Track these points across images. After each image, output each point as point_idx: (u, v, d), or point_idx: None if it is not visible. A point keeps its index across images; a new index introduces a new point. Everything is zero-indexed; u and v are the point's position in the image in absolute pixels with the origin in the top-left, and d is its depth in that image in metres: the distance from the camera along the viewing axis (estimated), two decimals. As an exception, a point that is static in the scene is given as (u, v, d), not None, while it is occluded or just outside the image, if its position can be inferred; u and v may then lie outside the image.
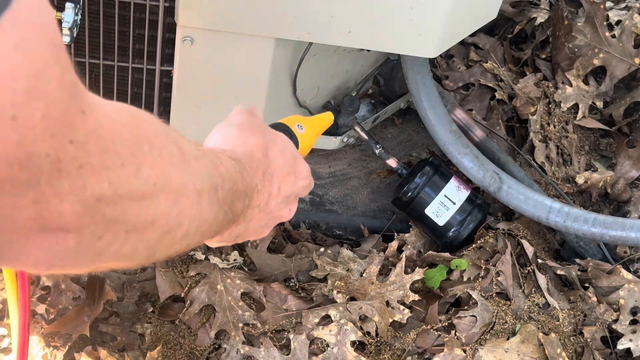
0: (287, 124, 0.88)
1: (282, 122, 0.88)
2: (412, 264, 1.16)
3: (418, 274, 1.11)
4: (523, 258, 1.15)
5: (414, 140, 1.34)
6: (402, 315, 1.08)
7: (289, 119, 0.89)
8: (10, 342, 1.06)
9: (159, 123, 0.50)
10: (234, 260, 1.13)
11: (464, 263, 1.12)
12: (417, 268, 1.13)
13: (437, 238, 1.18)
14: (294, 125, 0.88)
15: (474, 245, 1.15)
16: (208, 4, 0.89)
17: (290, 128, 0.87)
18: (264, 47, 0.98)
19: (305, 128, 0.89)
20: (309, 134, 0.90)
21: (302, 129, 0.88)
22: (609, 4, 1.54)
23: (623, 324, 1.09)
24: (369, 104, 1.33)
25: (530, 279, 1.12)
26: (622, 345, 1.07)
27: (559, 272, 1.13)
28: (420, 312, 1.10)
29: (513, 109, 1.40)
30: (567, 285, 1.15)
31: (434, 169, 1.16)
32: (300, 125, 0.88)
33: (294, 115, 0.91)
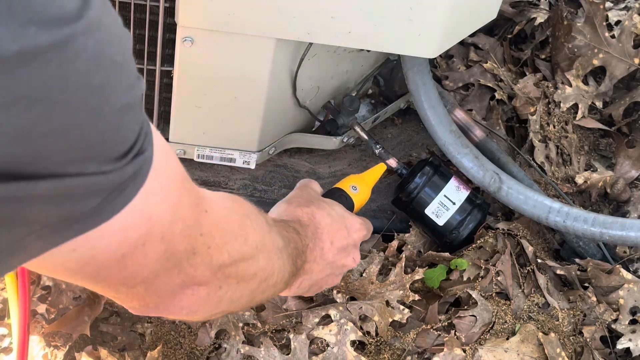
0: (342, 188, 1.07)
1: (337, 186, 1.08)
2: (412, 264, 1.16)
3: (418, 274, 1.11)
4: (523, 258, 1.15)
5: (414, 140, 1.34)
6: (402, 315, 1.09)
7: (344, 182, 1.09)
8: (11, 341, 1.06)
9: (248, 202, 0.66)
10: (234, 260, 1.13)
11: (464, 263, 1.12)
12: (417, 268, 1.13)
13: (437, 238, 1.18)
14: (349, 188, 1.06)
15: (474, 245, 1.15)
16: (208, 5, 0.89)
17: (344, 191, 1.06)
18: (264, 47, 0.98)
19: (359, 187, 1.07)
20: (363, 191, 1.07)
21: (356, 189, 1.06)
22: (609, 4, 1.54)
23: (622, 324, 1.09)
24: (369, 104, 1.34)
25: (530, 279, 1.12)
26: (621, 345, 1.07)
27: (559, 271, 1.13)
28: (420, 312, 1.11)
29: (513, 109, 1.40)
30: (566, 285, 1.15)
31: (434, 169, 1.16)
32: (355, 186, 1.07)
33: (350, 176, 1.10)
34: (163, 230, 0.49)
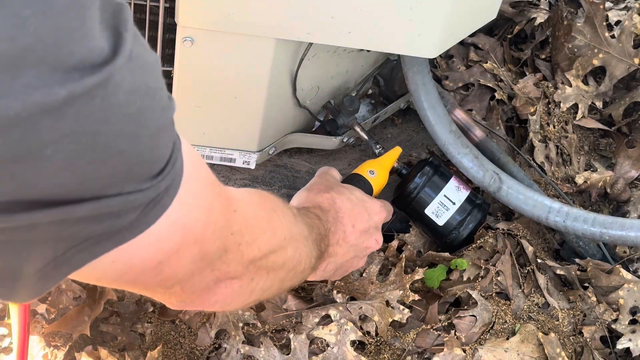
0: (360, 173, 1.11)
1: (355, 172, 1.11)
2: (412, 264, 1.16)
3: (418, 274, 1.11)
4: (523, 258, 1.15)
5: (414, 140, 1.34)
6: (402, 315, 1.09)
7: (362, 167, 1.13)
8: (11, 341, 1.06)
9: (273, 195, 0.69)
10: (234, 260, 1.13)
11: (464, 263, 1.12)
12: (417, 268, 1.13)
13: (437, 238, 1.18)
14: (366, 173, 1.10)
15: (474, 245, 1.15)
16: (208, 5, 0.89)
17: (362, 176, 1.09)
18: (264, 47, 0.98)
19: (377, 171, 1.10)
20: (380, 175, 1.11)
21: (373, 174, 1.09)
22: (609, 4, 1.54)
23: (622, 324, 1.09)
24: (369, 104, 1.34)
25: (530, 279, 1.12)
26: (621, 345, 1.07)
27: (559, 271, 1.13)
28: (420, 312, 1.11)
29: (513, 109, 1.40)
30: (566, 285, 1.15)
31: (434, 169, 1.16)
32: (372, 171, 1.10)
33: (367, 162, 1.14)
34: (196, 235, 0.51)
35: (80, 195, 0.40)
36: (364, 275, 1.13)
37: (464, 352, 1.03)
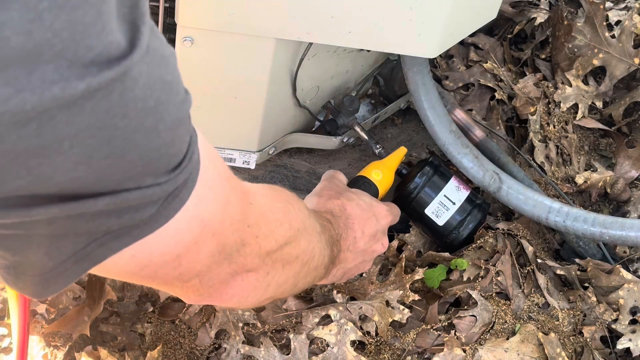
0: (365, 175, 1.11)
1: (361, 174, 1.11)
2: (412, 264, 1.16)
3: (418, 274, 1.11)
4: (523, 258, 1.15)
5: (414, 140, 1.34)
6: (402, 315, 1.09)
7: (367, 169, 1.13)
8: (11, 341, 1.06)
9: (287, 190, 0.69)
10: (234, 260, 1.13)
11: (464, 263, 1.12)
12: (417, 268, 1.13)
13: (437, 238, 1.18)
14: (372, 174, 1.10)
15: (474, 245, 1.15)
16: (208, 5, 0.89)
17: (368, 178, 1.10)
18: (264, 47, 0.98)
19: (382, 173, 1.11)
20: (386, 176, 1.11)
21: (379, 175, 1.10)
22: (609, 4, 1.54)
23: (623, 324, 1.09)
24: (369, 104, 1.34)
25: (530, 279, 1.12)
26: (621, 345, 1.07)
27: (559, 272, 1.13)
28: (420, 312, 1.11)
29: (513, 109, 1.40)
30: (566, 285, 1.15)
31: (434, 169, 1.16)
32: (378, 172, 1.10)
33: (372, 163, 1.14)
34: (214, 228, 0.51)
35: (98, 190, 0.40)
36: (364, 275, 1.13)
37: (464, 352, 1.03)
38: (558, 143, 1.34)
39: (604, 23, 1.41)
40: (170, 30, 0.97)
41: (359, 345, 1.07)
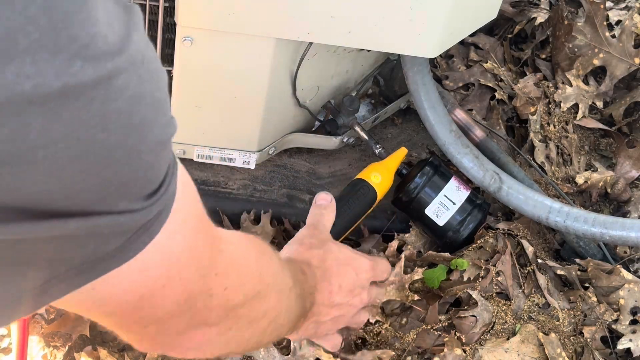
0: (364, 178, 1.09)
1: (359, 177, 1.10)
2: (411, 264, 1.16)
3: (418, 274, 1.11)
4: (523, 258, 1.15)
5: (414, 140, 1.34)
6: (402, 315, 1.08)
7: (366, 171, 1.12)
8: (10, 341, 1.06)
9: (262, 240, 0.65)
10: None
11: (464, 263, 1.12)
12: (416, 268, 1.13)
13: (437, 238, 1.18)
14: (371, 177, 1.09)
15: (474, 245, 1.15)
16: (208, 4, 0.89)
17: (367, 181, 1.08)
18: (264, 47, 0.98)
19: (381, 175, 1.09)
20: (386, 178, 1.10)
21: (378, 178, 1.08)
22: (609, 4, 1.54)
23: (623, 324, 1.09)
24: (369, 104, 1.33)
25: (530, 279, 1.12)
26: (622, 345, 1.07)
27: (559, 272, 1.13)
28: (420, 312, 1.10)
29: (513, 109, 1.40)
30: (567, 285, 1.15)
31: (434, 169, 1.16)
32: (377, 174, 1.09)
33: (371, 165, 1.13)
34: (180, 270, 0.47)
35: (67, 208, 0.36)
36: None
37: (464, 352, 1.03)
38: (558, 143, 1.34)
39: (604, 23, 1.40)
40: (170, 30, 0.97)
41: (360, 345, 1.07)
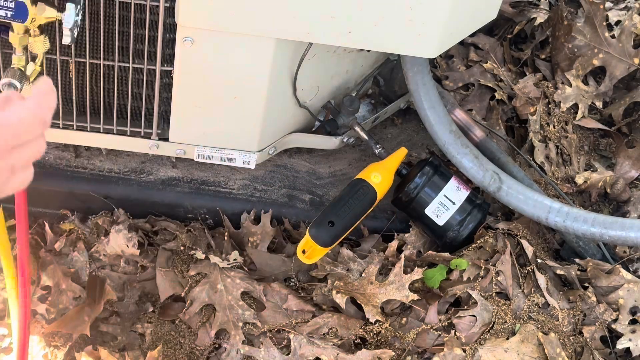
0: (363, 178, 1.11)
1: (359, 177, 1.11)
2: (411, 264, 1.16)
3: (417, 274, 1.11)
4: (523, 258, 1.15)
5: (414, 140, 1.34)
6: (402, 315, 1.08)
7: (366, 171, 1.13)
8: (11, 341, 1.06)
9: None
10: (234, 260, 1.13)
11: (464, 263, 1.12)
12: (416, 268, 1.13)
13: (437, 238, 1.18)
14: (370, 177, 1.11)
15: (474, 245, 1.15)
16: (208, 5, 0.89)
17: (366, 181, 1.10)
18: (264, 47, 0.98)
19: (381, 175, 1.11)
20: (385, 178, 1.12)
21: (378, 178, 1.10)
22: (609, 4, 1.54)
23: (622, 324, 1.09)
24: (369, 104, 1.34)
25: (530, 279, 1.12)
26: (621, 345, 1.07)
27: (559, 271, 1.13)
28: (420, 312, 1.11)
29: (513, 109, 1.40)
30: (566, 285, 1.15)
31: (434, 169, 1.16)
32: (377, 175, 1.11)
33: (371, 165, 1.14)
34: None
35: None
36: (364, 275, 1.13)
37: (464, 352, 1.03)
38: (558, 143, 1.34)
39: (604, 23, 1.41)
40: (171, 30, 0.97)
41: (360, 344, 1.07)
